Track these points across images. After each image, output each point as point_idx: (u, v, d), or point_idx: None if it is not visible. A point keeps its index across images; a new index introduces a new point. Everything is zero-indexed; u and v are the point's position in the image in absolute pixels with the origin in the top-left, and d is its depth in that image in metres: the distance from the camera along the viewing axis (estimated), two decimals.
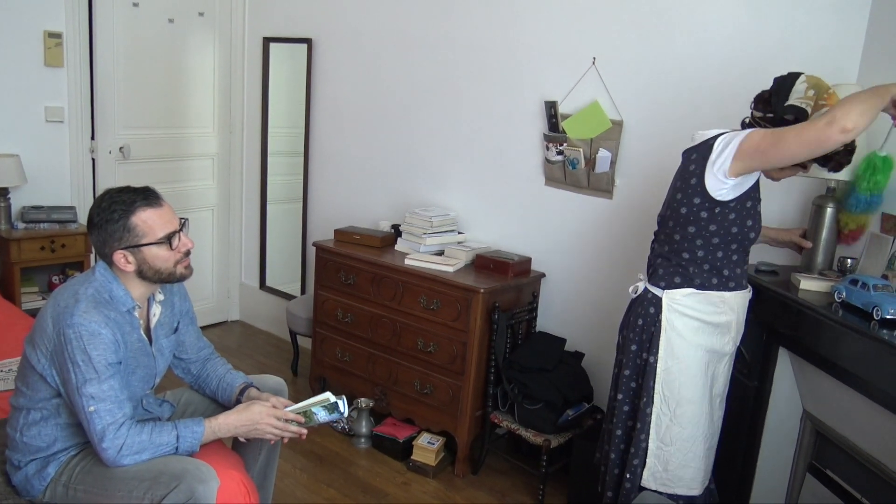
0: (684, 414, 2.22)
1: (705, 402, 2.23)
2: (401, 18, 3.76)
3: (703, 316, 2.19)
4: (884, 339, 1.89)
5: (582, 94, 3.13)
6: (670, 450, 2.24)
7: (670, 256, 2.22)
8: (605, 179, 3.11)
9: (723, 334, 2.21)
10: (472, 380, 3.09)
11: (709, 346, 2.20)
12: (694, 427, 2.23)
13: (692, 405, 2.22)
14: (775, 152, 1.97)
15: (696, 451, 2.25)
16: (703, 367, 2.21)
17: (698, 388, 2.21)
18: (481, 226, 3.57)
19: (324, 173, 4.27)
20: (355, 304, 3.45)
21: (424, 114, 3.74)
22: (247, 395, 2.17)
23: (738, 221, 2.12)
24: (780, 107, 2.10)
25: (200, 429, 1.93)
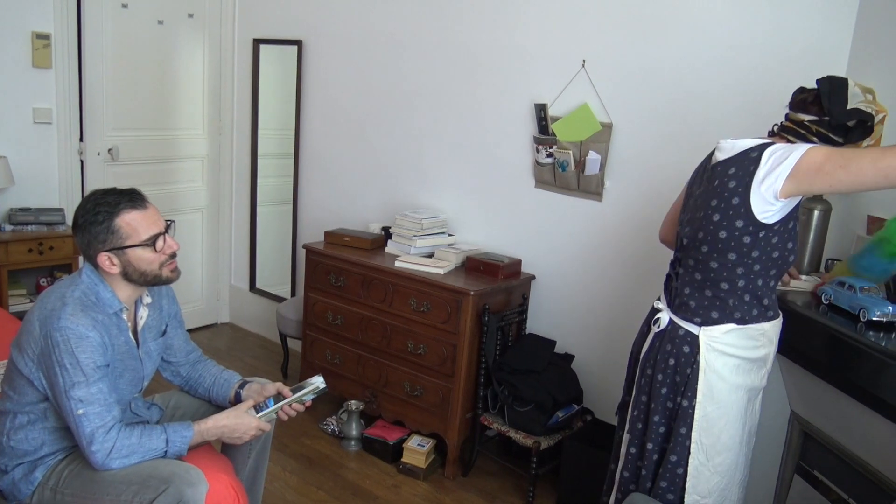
0: (723, 462, 2.04)
1: (743, 445, 2.08)
2: (391, 20, 3.76)
3: (744, 353, 1.99)
4: (869, 342, 1.90)
5: (572, 96, 3.14)
6: (708, 501, 2.05)
7: (705, 287, 1.99)
8: (594, 182, 3.12)
9: (760, 369, 2.05)
10: (463, 382, 3.09)
11: (748, 384, 2.02)
12: (731, 474, 2.07)
13: (731, 452, 2.04)
14: (845, 176, 1.71)
15: (733, 498, 2.09)
16: (744, 408, 2.03)
17: (738, 432, 2.04)
18: (471, 228, 3.58)
19: (314, 175, 4.27)
20: (345, 306, 3.45)
21: (415, 116, 3.74)
22: (248, 388, 2.18)
23: (780, 245, 1.92)
24: (840, 110, 1.86)
25: (189, 432, 1.93)
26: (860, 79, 2.43)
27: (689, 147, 2.69)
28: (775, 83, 2.07)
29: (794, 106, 1.97)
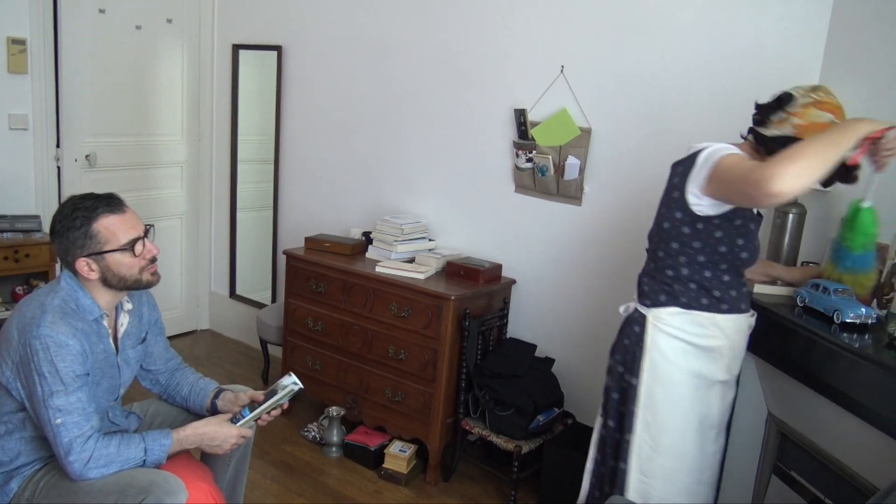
0: (668, 444, 2.10)
1: (692, 432, 2.12)
2: (371, 26, 3.77)
3: (690, 338, 2.07)
4: (843, 343, 1.93)
5: (551, 102, 3.16)
6: (651, 482, 2.12)
7: (655, 274, 2.12)
8: (573, 186, 3.14)
9: (713, 360, 2.10)
10: (444, 387, 3.09)
11: (697, 370, 2.09)
12: (678, 459, 2.12)
13: (675, 434, 2.10)
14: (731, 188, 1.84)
15: (681, 486, 2.14)
16: (691, 393, 2.09)
17: (684, 415, 2.10)
18: (452, 233, 3.58)
19: (294, 181, 4.26)
20: (326, 312, 3.44)
21: (395, 121, 3.74)
22: (222, 397, 2.16)
23: (727, 241, 2.00)
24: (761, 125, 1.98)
25: (168, 441, 1.92)
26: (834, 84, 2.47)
27: (666, 152, 2.70)
28: (751, 89, 2.10)
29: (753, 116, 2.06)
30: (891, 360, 1.82)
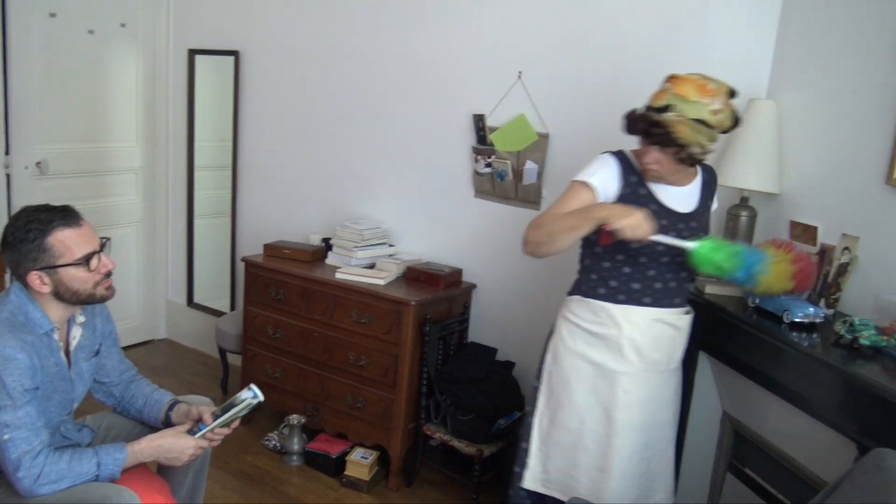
0: (561, 420, 2.22)
1: (592, 416, 2.18)
2: (329, 31, 3.75)
3: (583, 323, 2.17)
4: (792, 342, 1.99)
5: (509, 107, 3.19)
6: (549, 453, 2.26)
7: (578, 266, 2.29)
8: (532, 191, 3.17)
9: (608, 348, 2.14)
10: (405, 392, 3.09)
11: (590, 356, 2.16)
12: (573, 436, 2.20)
13: (569, 412, 2.20)
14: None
15: (577, 464, 2.21)
16: (585, 377, 2.18)
17: (577, 397, 2.18)
18: (412, 238, 3.59)
19: (253, 187, 4.22)
20: (286, 319, 3.41)
21: (354, 126, 3.73)
22: (176, 409, 2.13)
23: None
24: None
25: (122, 454, 1.88)
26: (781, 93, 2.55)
27: None
28: None
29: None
30: (837, 358, 1.87)
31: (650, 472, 2.22)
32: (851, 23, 2.32)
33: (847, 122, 2.32)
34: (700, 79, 1.98)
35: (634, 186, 2.12)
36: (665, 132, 1.94)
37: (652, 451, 2.21)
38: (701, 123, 1.93)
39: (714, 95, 1.95)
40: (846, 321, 1.97)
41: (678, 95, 1.95)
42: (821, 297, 2.29)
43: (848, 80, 2.32)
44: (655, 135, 1.97)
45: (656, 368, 2.17)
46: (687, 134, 1.93)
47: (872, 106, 2.22)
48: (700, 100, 1.93)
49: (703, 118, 1.93)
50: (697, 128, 1.93)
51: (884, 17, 2.19)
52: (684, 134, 1.93)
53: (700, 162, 2.08)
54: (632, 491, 2.19)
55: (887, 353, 1.89)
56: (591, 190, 2.12)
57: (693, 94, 1.93)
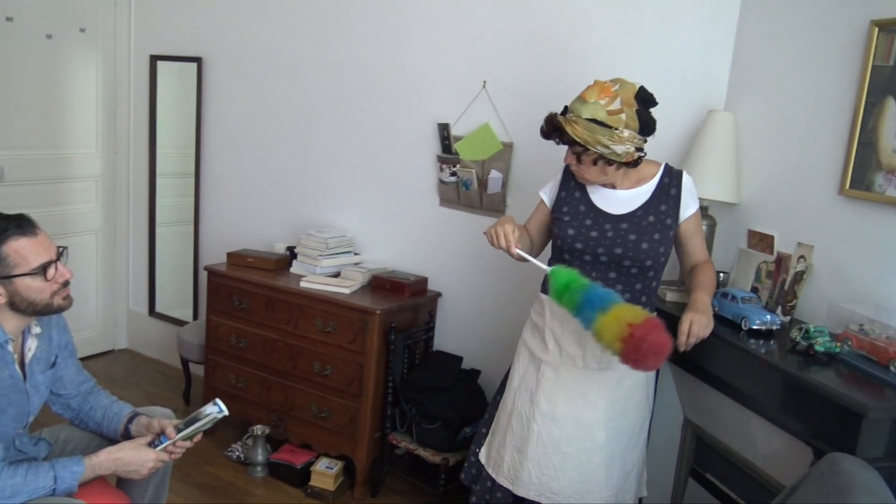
0: (503, 401, 2.37)
1: (520, 399, 2.27)
2: (293, 39, 3.74)
3: (532, 314, 2.33)
4: (750, 349, 2.03)
5: (474, 116, 3.20)
6: (494, 430, 2.38)
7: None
8: (497, 200, 3.19)
9: (538, 335, 2.27)
10: (370, 401, 3.08)
11: (528, 343, 2.31)
12: (506, 417, 2.31)
13: (507, 394, 2.35)
14: None
15: (505, 443, 2.28)
16: (521, 362, 2.31)
17: (514, 380, 2.32)
18: (378, 246, 3.58)
19: (216, 194, 4.17)
20: (249, 328, 3.38)
21: (319, 134, 3.72)
22: (137, 421, 2.09)
23: (562, 229, 2.19)
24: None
25: (80, 468, 1.84)
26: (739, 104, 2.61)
27: None
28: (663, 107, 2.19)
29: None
30: (793, 364, 1.91)
31: (582, 474, 2.18)
32: (805, 38, 2.38)
33: (801, 133, 2.38)
34: (609, 81, 2.05)
35: (572, 190, 2.24)
36: (562, 132, 2.05)
37: (576, 448, 2.18)
38: (595, 123, 1.99)
39: (614, 96, 2.01)
40: (801, 328, 2.01)
41: (579, 97, 2.05)
42: (778, 304, 2.34)
43: (802, 93, 2.39)
44: (555, 136, 2.10)
45: (573, 363, 2.18)
46: (581, 133, 2.00)
47: (825, 118, 2.28)
48: (597, 100, 2.01)
49: (596, 117, 1.99)
50: (591, 127, 1.99)
51: (836, 33, 2.25)
52: (578, 133, 2.01)
53: (624, 163, 2.07)
54: (552, 483, 2.19)
55: (841, 359, 1.94)
56: (543, 202, 2.33)
57: (592, 95, 2.02)
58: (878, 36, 2.08)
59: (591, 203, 2.19)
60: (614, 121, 2.00)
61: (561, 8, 2.97)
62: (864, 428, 1.66)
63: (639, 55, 2.80)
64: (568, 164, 2.16)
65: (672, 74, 2.73)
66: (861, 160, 2.14)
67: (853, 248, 2.17)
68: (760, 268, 2.46)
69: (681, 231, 2.17)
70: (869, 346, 1.90)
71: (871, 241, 2.11)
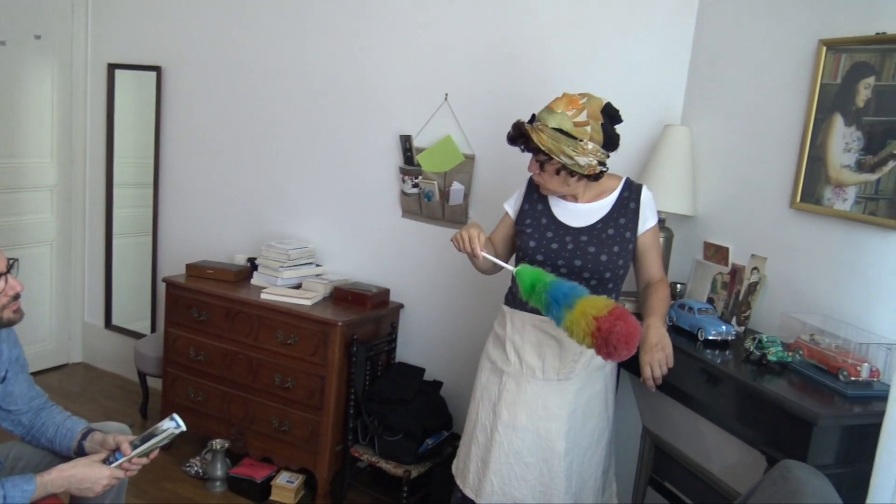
0: (469, 413, 2.38)
1: (483, 410, 2.29)
2: (254, 48, 3.72)
3: (494, 325, 2.36)
4: (705, 359, 2.07)
5: (435, 128, 3.22)
6: (462, 442, 2.39)
7: None
8: (459, 211, 3.21)
9: (499, 346, 2.30)
10: (332, 414, 3.06)
11: (490, 354, 2.33)
12: (472, 427, 2.33)
13: (472, 406, 2.36)
14: None
15: (471, 454, 2.31)
16: (484, 373, 2.33)
17: (477, 391, 2.34)
18: (340, 258, 3.57)
19: (175, 205, 4.11)
20: (209, 341, 3.33)
21: (280, 145, 3.70)
22: (91, 438, 2.04)
23: (524, 241, 2.22)
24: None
25: (31, 486, 1.79)
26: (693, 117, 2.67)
27: None
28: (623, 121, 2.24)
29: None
30: (747, 374, 1.96)
31: (543, 483, 2.20)
32: (757, 55, 2.45)
33: (754, 148, 2.44)
34: (577, 94, 2.10)
35: (535, 203, 2.27)
36: (527, 140, 2.08)
37: (537, 458, 2.20)
38: (561, 133, 2.03)
39: (581, 108, 2.05)
40: (755, 338, 2.06)
41: (547, 107, 2.09)
42: (733, 315, 2.39)
43: (755, 109, 2.45)
44: (521, 143, 2.12)
45: (534, 375, 2.20)
46: (546, 141, 2.04)
47: (777, 134, 2.35)
48: (564, 111, 2.05)
49: (562, 128, 2.03)
50: (557, 136, 2.03)
51: (787, 51, 2.32)
52: (543, 141, 2.04)
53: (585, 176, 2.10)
54: (515, 493, 2.21)
55: (793, 369, 1.99)
56: (507, 214, 2.36)
57: (560, 106, 2.07)
58: (825, 55, 2.15)
59: (552, 216, 2.22)
60: (579, 132, 2.04)
61: (522, 23, 3.01)
62: (815, 435, 1.71)
63: (598, 70, 2.85)
64: (531, 172, 2.19)
65: (630, 89, 2.78)
66: (811, 174, 2.20)
67: (804, 260, 2.23)
68: (716, 279, 2.52)
69: (639, 244, 2.21)
70: (819, 355, 1.95)
71: (821, 253, 2.17)
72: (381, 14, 3.33)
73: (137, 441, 1.97)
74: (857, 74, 2.06)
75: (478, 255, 2.10)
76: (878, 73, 2.00)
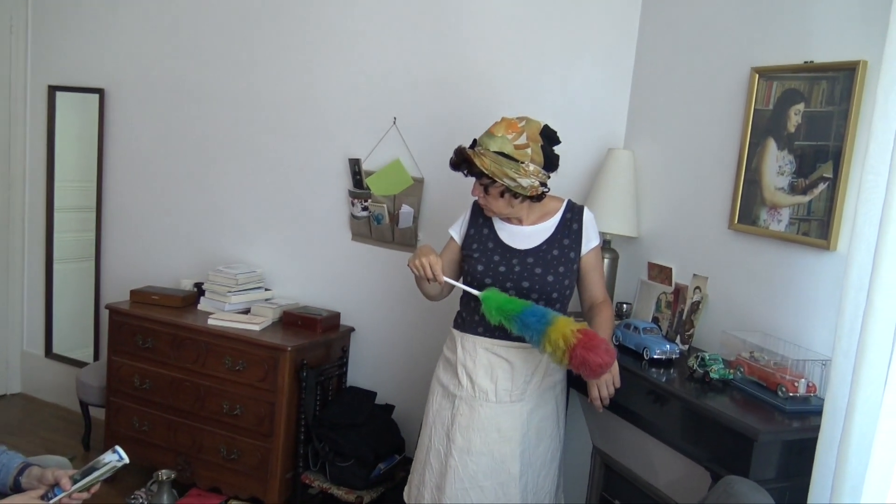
0: (420, 438, 2.36)
1: (436, 435, 2.27)
2: (200, 71, 3.68)
3: (444, 349, 2.35)
4: (651, 378, 2.11)
5: (384, 152, 3.23)
6: (414, 468, 2.38)
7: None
8: (408, 234, 3.21)
9: (449, 369, 2.29)
10: (282, 441, 3.01)
11: (441, 379, 2.32)
12: (424, 454, 2.31)
13: (423, 431, 2.34)
14: None
15: (425, 480, 2.29)
16: (436, 398, 2.32)
17: (429, 417, 2.32)
18: (289, 282, 3.53)
19: (119, 229, 4.02)
20: (154, 368, 3.26)
21: (228, 168, 3.66)
22: (28, 473, 1.96)
23: (472, 265, 2.23)
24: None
25: None
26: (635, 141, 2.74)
27: None
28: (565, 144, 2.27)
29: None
30: (690, 392, 2.00)
31: None
32: (694, 81, 2.53)
33: (694, 171, 2.52)
34: (516, 118, 2.14)
35: (481, 227, 2.29)
36: (470, 164, 2.10)
37: (493, 482, 2.20)
38: (503, 156, 2.06)
39: (521, 132, 2.10)
40: (698, 356, 2.11)
41: (488, 132, 2.13)
42: (677, 333, 2.44)
43: (693, 133, 2.53)
44: (464, 168, 2.15)
45: (486, 397, 2.20)
46: (488, 165, 2.08)
47: (715, 157, 2.42)
48: (504, 135, 2.09)
49: (504, 151, 2.07)
50: (499, 159, 2.07)
51: (721, 78, 2.41)
52: (486, 165, 2.08)
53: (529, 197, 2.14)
54: None
55: (735, 386, 2.04)
56: (453, 239, 2.36)
57: (500, 130, 2.10)
58: (758, 82, 2.24)
59: (498, 239, 2.24)
60: (520, 154, 2.07)
61: (470, 48, 3.05)
62: (756, 451, 1.75)
63: (544, 94, 2.90)
64: (475, 196, 2.21)
65: (575, 114, 2.84)
66: (747, 196, 2.28)
67: (743, 280, 2.30)
68: (660, 298, 2.57)
69: (582, 264, 2.25)
70: (759, 372, 2.01)
71: (758, 272, 2.25)
72: (328, 37, 3.34)
73: (78, 475, 1.90)
74: (787, 101, 2.15)
75: (440, 280, 2.11)
76: (808, 99, 2.09)
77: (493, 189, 2.14)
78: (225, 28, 3.60)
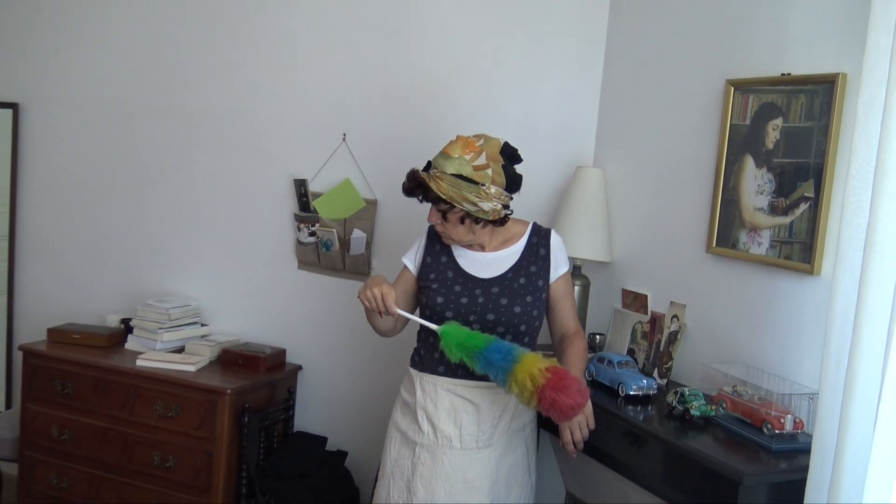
0: (377, 490, 2.31)
1: (395, 487, 2.23)
2: (127, 85, 3.63)
3: (402, 391, 2.31)
4: (627, 417, 2.11)
5: (333, 171, 3.22)
6: None
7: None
8: (361, 261, 3.20)
9: (408, 413, 2.24)
10: (221, 495, 2.97)
11: (399, 424, 2.27)
12: (377, 500, 2.28)
13: (380, 483, 2.29)
14: None
15: None
16: (393, 445, 2.27)
17: (387, 467, 2.27)
18: (228, 316, 3.49)
19: (36, 259, 3.92)
20: (75, 417, 3.18)
21: (158, 192, 3.60)
22: None
23: (430, 297, 2.19)
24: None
25: None
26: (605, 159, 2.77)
27: None
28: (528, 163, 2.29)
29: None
30: (670, 431, 2.01)
31: None
32: (665, 95, 2.59)
33: (668, 190, 2.56)
34: (473, 136, 2.13)
35: (438, 255, 2.27)
36: (426, 189, 2.09)
37: None
38: (461, 178, 2.05)
39: (479, 151, 2.09)
40: (677, 392, 2.12)
41: (443, 152, 2.11)
42: (654, 366, 2.46)
43: (666, 150, 2.58)
44: (419, 193, 2.13)
45: (450, 444, 2.16)
46: (446, 189, 2.06)
47: (690, 176, 2.47)
48: (462, 155, 2.07)
49: (462, 173, 2.05)
50: (457, 182, 2.05)
51: (695, 91, 2.46)
52: (443, 190, 2.06)
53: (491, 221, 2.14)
54: None
55: (717, 423, 2.06)
56: (406, 268, 2.33)
57: (457, 150, 2.09)
58: (734, 95, 2.29)
59: (458, 268, 2.23)
60: (480, 176, 2.07)
61: (426, 58, 3.08)
62: (742, 495, 1.76)
63: (507, 108, 2.94)
64: (431, 222, 2.20)
65: (540, 129, 2.87)
66: (725, 218, 2.32)
67: (723, 307, 2.33)
68: (636, 328, 2.60)
69: (551, 293, 2.24)
70: (743, 407, 2.03)
71: (739, 299, 2.28)
72: (269, 46, 3.34)
73: None
74: (765, 115, 2.20)
75: (393, 313, 2.08)
76: (786, 114, 2.14)
77: (451, 215, 2.12)
78: (157, 37, 3.57)
